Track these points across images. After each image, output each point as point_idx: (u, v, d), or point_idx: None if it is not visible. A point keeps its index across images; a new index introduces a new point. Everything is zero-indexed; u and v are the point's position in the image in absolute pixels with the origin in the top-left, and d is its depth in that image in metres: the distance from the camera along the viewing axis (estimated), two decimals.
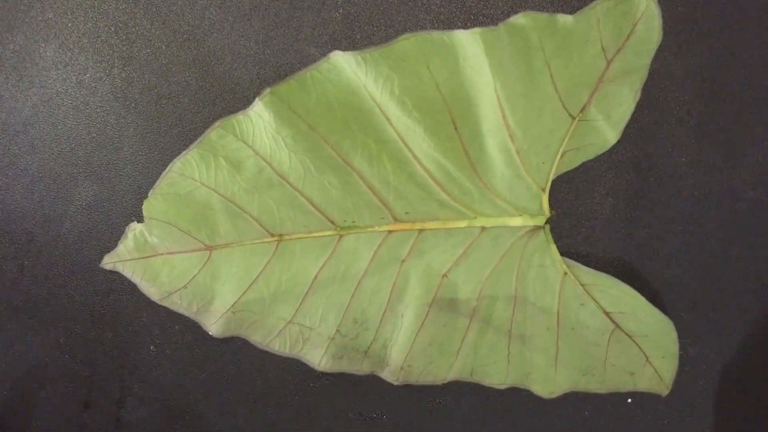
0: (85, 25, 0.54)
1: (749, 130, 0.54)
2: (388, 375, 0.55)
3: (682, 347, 0.54)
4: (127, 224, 0.54)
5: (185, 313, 0.55)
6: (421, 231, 0.54)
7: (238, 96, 0.54)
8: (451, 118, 0.51)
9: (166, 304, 0.55)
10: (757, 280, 0.56)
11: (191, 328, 0.56)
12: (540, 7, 0.53)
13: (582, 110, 0.51)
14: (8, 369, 0.51)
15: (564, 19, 0.49)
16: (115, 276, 0.55)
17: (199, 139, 0.53)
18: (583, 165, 0.53)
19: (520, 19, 0.50)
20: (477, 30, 0.50)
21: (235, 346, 0.57)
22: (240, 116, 0.52)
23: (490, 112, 0.51)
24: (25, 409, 0.58)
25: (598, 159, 0.53)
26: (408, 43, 0.50)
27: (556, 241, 0.53)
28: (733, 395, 0.57)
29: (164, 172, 0.53)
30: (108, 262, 0.55)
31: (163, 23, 0.54)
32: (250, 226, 0.54)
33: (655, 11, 0.49)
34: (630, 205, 0.55)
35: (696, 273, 0.56)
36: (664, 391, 0.55)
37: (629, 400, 0.57)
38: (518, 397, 0.56)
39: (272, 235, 0.54)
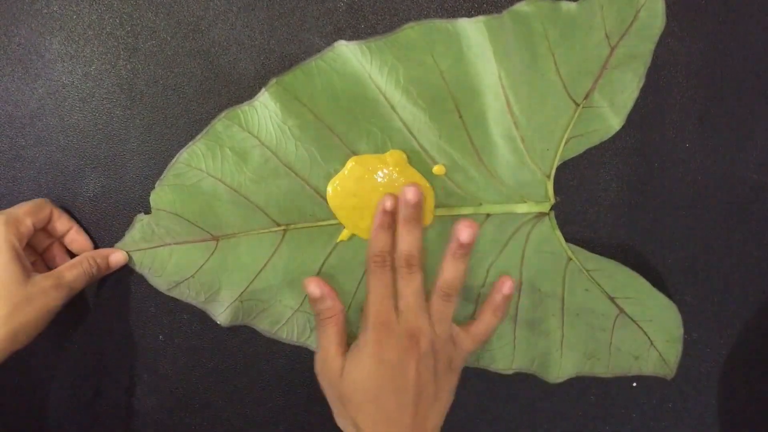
0: (90, 17, 0.54)
1: (753, 115, 0.54)
2: None
3: (687, 331, 0.55)
4: (135, 215, 0.55)
5: (193, 302, 0.55)
6: None
7: (243, 86, 0.54)
8: (456, 106, 0.52)
9: (173, 294, 0.55)
10: (760, 263, 0.56)
11: (199, 317, 0.56)
12: None
13: (586, 97, 0.51)
14: (19, 360, 0.51)
15: (567, 6, 0.50)
16: (123, 266, 0.55)
17: (204, 130, 0.53)
18: (588, 151, 0.53)
19: (523, 6, 0.50)
20: (481, 18, 0.50)
21: (242, 335, 0.57)
22: (245, 107, 0.52)
23: (494, 99, 0.51)
24: (36, 398, 0.58)
25: (602, 145, 0.53)
26: (412, 31, 0.50)
27: (560, 227, 0.54)
28: (737, 378, 0.58)
29: (171, 163, 0.53)
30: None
31: (168, 14, 0.54)
32: (257, 216, 0.54)
33: None
34: (634, 191, 0.55)
35: (700, 257, 0.56)
36: (669, 375, 0.55)
37: (634, 384, 0.57)
38: (524, 382, 0.56)
39: (279, 225, 0.54)
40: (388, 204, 0.50)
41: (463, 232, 0.49)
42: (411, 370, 0.48)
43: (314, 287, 0.52)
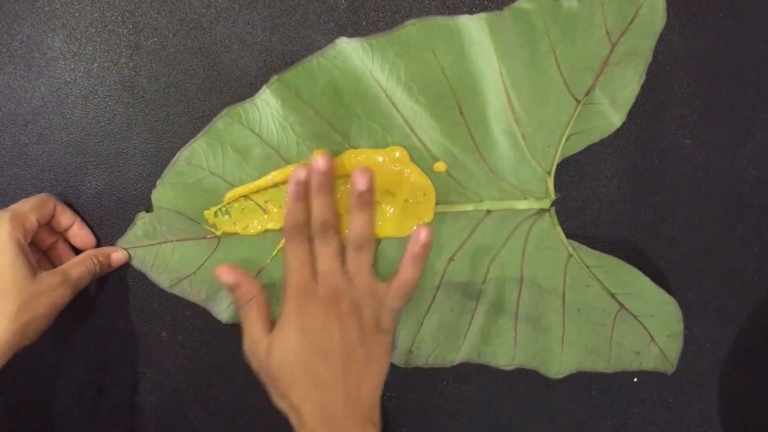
0: (92, 15, 0.54)
1: (753, 111, 0.55)
2: (396, 358, 0.56)
3: (687, 326, 0.55)
4: (137, 212, 0.55)
5: (194, 300, 0.55)
6: None
7: (245, 84, 0.54)
8: (457, 103, 0.52)
9: (175, 291, 0.55)
10: (761, 259, 0.56)
11: (201, 314, 0.56)
12: None
13: (587, 94, 0.51)
14: (23, 356, 0.51)
15: (569, 3, 0.50)
16: (126, 263, 0.56)
17: (206, 128, 0.53)
18: (588, 148, 0.53)
19: (525, 3, 0.50)
20: (482, 15, 0.50)
21: None
22: (246, 104, 0.53)
23: (495, 96, 0.51)
24: (40, 395, 0.58)
25: (603, 142, 0.53)
26: (414, 28, 0.51)
27: (561, 224, 0.54)
28: (737, 373, 0.58)
29: (172, 162, 0.53)
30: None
31: (170, 12, 0.54)
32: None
33: None
34: (635, 187, 0.55)
35: (700, 253, 0.56)
36: (670, 370, 0.56)
37: (635, 380, 0.57)
38: (525, 377, 0.56)
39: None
40: (301, 175, 0.49)
41: (359, 181, 0.49)
42: (335, 332, 0.47)
43: (227, 275, 0.50)
